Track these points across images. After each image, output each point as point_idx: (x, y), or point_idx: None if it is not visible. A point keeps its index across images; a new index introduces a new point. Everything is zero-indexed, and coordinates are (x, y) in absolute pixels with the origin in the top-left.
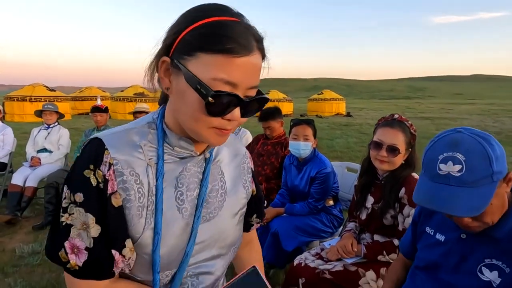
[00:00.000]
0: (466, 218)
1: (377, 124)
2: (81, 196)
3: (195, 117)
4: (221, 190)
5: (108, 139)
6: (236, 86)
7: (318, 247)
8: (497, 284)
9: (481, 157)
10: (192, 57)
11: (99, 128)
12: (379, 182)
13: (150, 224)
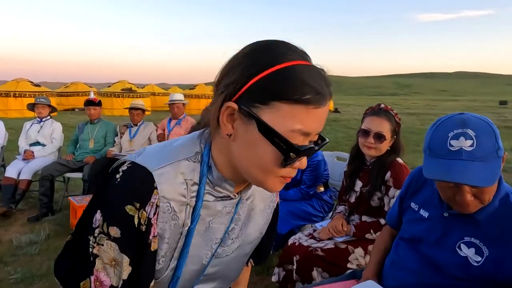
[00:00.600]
0: (469, 196)
1: (365, 113)
2: (117, 232)
3: (265, 168)
4: (240, 230)
5: (159, 175)
6: (309, 135)
7: (311, 229)
8: (474, 260)
9: (488, 133)
10: (266, 106)
11: (92, 122)
12: (367, 168)
13: (172, 268)
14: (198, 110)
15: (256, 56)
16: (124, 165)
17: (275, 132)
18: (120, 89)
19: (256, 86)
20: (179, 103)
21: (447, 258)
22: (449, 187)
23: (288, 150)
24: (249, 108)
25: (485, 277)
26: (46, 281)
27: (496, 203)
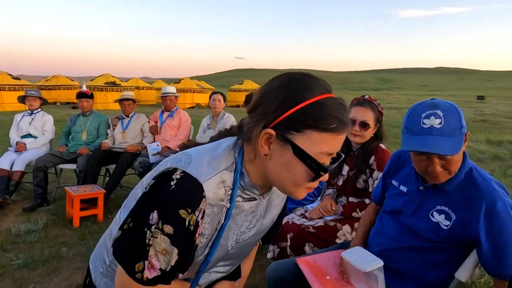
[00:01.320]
0: (438, 167)
1: (351, 104)
2: (171, 229)
3: (297, 183)
4: (257, 221)
5: (207, 186)
6: (332, 154)
7: (302, 209)
8: (444, 225)
9: (454, 113)
10: (300, 134)
11: (84, 114)
12: (353, 153)
13: (205, 254)
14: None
15: (291, 90)
16: (177, 173)
17: (308, 155)
18: (103, 83)
19: (292, 117)
20: (172, 96)
21: (422, 225)
22: (422, 160)
23: (318, 170)
24: (285, 135)
25: (453, 238)
26: (49, 265)
27: (462, 176)
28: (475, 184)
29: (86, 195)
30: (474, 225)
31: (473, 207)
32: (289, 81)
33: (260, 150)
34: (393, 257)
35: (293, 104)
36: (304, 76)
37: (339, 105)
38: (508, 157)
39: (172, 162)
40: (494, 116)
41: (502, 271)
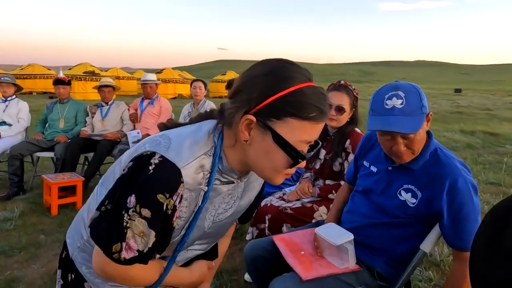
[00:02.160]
0: (402, 147)
1: (327, 89)
2: (148, 213)
3: (276, 169)
4: (234, 203)
5: (186, 171)
6: (310, 142)
7: (281, 192)
8: (410, 202)
9: (414, 94)
10: (280, 121)
11: (62, 102)
12: (330, 137)
13: (182, 235)
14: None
15: (273, 78)
16: (156, 158)
17: (287, 143)
18: (82, 72)
19: (273, 104)
20: (152, 83)
21: (390, 203)
22: (387, 140)
23: (297, 157)
24: (265, 121)
25: (419, 215)
26: (27, 252)
27: (427, 155)
28: (439, 163)
29: (64, 182)
30: (438, 202)
31: (437, 185)
32: (271, 68)
33: (241, 136)
34: (364, 233)
35: (275, 91)
36: (286, 63)
37: (319, 94)
38: (479, 146)
39: (151, 145)
40: (469, 108)
41: (461, 244)
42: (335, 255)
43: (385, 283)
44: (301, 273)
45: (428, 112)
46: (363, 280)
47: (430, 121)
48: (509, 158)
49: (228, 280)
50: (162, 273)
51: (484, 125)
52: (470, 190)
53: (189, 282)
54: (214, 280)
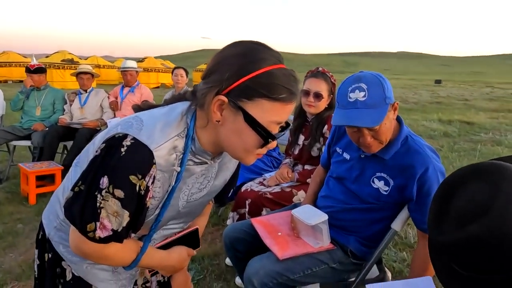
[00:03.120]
0: (369, 138)
1: (306, 76)
2: (121, 194)
3: (247, 149)
4: (209, 183)
5: (158, 153)
6: (281, 123)
7: (261, 178)
8: (383, 190)
9: (377, 85)
10: (251, 102)
11: (38, 88)
12: (308, 124)
13: (156, 214)
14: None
15: (245, 59)
16: (128, 140)
17: (258, 123)
18: (60, 60)
19: (244, 85)
20: (132, 71)
21: (364, 190)
22: (354, 132)
23: (267, 137)
24: (237, 102)
25: (391, 201)
26: (4, 241)
27: (398, 144)
28: (410, 152)
29: (43, 171)
30: (409, 189)
31: (408, 173)
32: (244, 49)
33: (213, 116)
34: (339, 217)
35: (246, 72)
36: (258, 45)
37: (289, 76)
38: (456, 134)
39: (123, 126)
40: (448, 98)
41: (425, 226)
42: (310, 235)
43: (358, 260)
44: (278, 253)
45: (394, 101)
46: (337, 258)
47: (397, 110)
48: (482, 146)
49: (209, 265)
50: (139, 253)
51: (461, 115)
52: (438, 177)
53: (166, 264)
54: (196, 264)
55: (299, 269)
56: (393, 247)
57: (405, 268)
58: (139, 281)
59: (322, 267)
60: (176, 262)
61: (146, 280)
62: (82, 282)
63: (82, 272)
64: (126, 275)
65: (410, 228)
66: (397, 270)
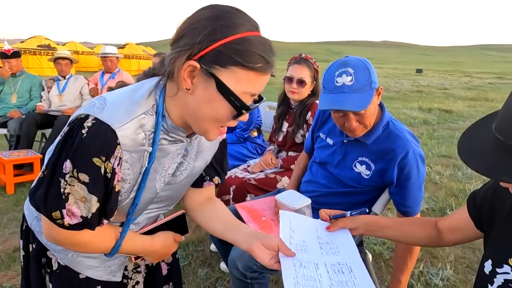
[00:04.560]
0: (354, 122)
1: (289, 62)
2: (86, 178)
3: (217, 120)
4: (189, 164)
5: (122, 132)
6: (255, 95)
7: (245, 164)
8: (365, 174)
9: (363, 69)
10: (225, 69)
11: (14, 74)
12: (292, 110)
13: (132, 197)
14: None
15: (219, 23)
16: (89, 121)
17: (231, 92)
18: (36, 46)
19: (218, 50)
20: (112, 57)
21: (346, 174)
22: (340, 117)
23: (240, 108)
24: (209, 69)
25: (372, 184)
26: None
27: (380, 129)
28: (391, 137)
29: (20, 160)
30: (390, 173)
31: (389, 157)
32: (218, 13)
33: (182, 84)
34: (322, 201)
35: (221, 37)
36: (234, 10)
37: (266, 45)
38: (435, 122)
39: (86, 107)
40: (428, 87)
41: (405, 209)
42: None
43: None
44: None
45: (378, 86)
46: None
47: (381, 95)
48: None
49: (194, 251)
50: (118, 239)
51: (440, 103)
52: (417, 161)
53: (150, 250)
54: (180, 251)
55: None
56: None
57: (385, 250)
58: (129, 267)
59: None
60: (160, 247)
61: (137, 265)
62: (69, 270)
63: (67, 260)
64: (114, 261)
65: (390, 212)
66: (377, 252)
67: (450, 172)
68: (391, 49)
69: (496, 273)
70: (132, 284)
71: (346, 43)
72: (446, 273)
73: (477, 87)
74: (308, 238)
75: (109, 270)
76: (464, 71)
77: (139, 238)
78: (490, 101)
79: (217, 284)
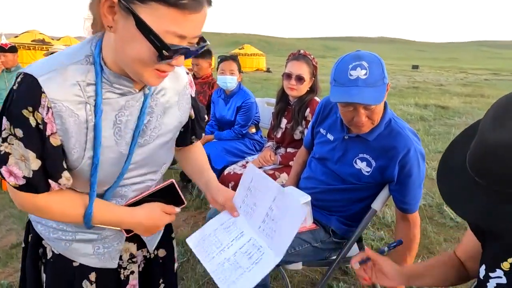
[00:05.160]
0: (364, 117)
1: (287, 59)
2: (21, 132)
3: (141, 62)
4: (157, 121)
5: (44, 81)
6: (185, 38)
7: (244, 161)
8: (365, 171)
9: (377, 64)
10: (144, 5)
11: (8, 70)
12: (291, 107)
13: (89, 156)
14: None
15: None
16: (19, 77)
17: (151, 30)
18: (30, 41)
19: None
20: None
21: (346, 171)
22: (349, 111)
23: (161, 48)
24: (128, 4)
25: (372, 181)
26: None
27: (382, 126)
28: (393, 134)
29: None
30: (391, 170)
31: (390, 154)
32: None
33: (104, 21)
34: (321, 198)
35: None
36: None
37: None
38: (431, 118)
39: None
40: (424, 83)
41: (404, 206)
42: None
43: (339, 239)
44: None
45: (388, 82)
46: (319, 237)
47: (388, 91)
48: (456, 129)
49: None
50: (88, 206)
51: (436, 99)
52: (418, 158)
53: (131, 221)
54: (179, 247)
55: None
56: (371, 226)
57: (383, 246)
58: (125, 257)
59: (305, 246)
60: (144, 219)
61: (132, 255)
62: (63, 258)
63: (61, 248)
64: (109, 249)
65: (388, 208)
66: (375, 248)
67: None
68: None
69: (489, 277)
70: (126, 273)
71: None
72: None
73: (472, 83)
74: (260, 205)
75: (104, 257)
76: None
77: (116, 208)
78: (486, 97)
79: None
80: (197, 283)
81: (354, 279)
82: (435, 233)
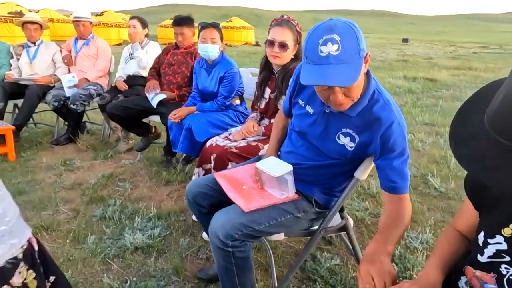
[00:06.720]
0: (340, 96)
1: (270, 25)
2: None
3: None
4: None
5: None
6: None
7: (226, 132)
8: (349, 146)
9: (351, 36)
10: None
11: None
12: (274, 76)
13: None
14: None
15: None
16: None
17: None
18: (6, 13)
19: None
20: (85, 21)
21: (329, 147)
22: (324, 90)
23: None
24: None
25: (355, 156)
26: None
27: (366, 101)
28: (376, 108)
29: None
30: (374, 145)
31: (373, 129)
32: None
33: None
34: (304, 172)
35: None
36: None
37: None
38: (419, 91)
39: None
40: (414, 57)
41: (391, 184)
42: (275, 187)
43: (321, 209)
44: (243, 206)
45: (366, 53)
46: (301, 207)
47: (368, 62)
48: (443, 102)
49: (176, 221)
50: None
51: (425, 72)
52: (403, 133)
53: None
54: (162, 221)
55: (264, 220)
56: (356, 197)
57: (367, 216)
58: None
59: (287, 217)
60: None
61: None
62: None
63: None
64: None
65: (373, 179)
66: (359, 218)
67: (433, 140)
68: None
69: (488, 243)
70: None
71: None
72: (425, 236)
73: (461, 56)
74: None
75: None
76: (449, 40)
77: None
78: (474, 70)
79: (199, 253)
80: (180, 255)
81: (338, 249)
82: (418, 202)
